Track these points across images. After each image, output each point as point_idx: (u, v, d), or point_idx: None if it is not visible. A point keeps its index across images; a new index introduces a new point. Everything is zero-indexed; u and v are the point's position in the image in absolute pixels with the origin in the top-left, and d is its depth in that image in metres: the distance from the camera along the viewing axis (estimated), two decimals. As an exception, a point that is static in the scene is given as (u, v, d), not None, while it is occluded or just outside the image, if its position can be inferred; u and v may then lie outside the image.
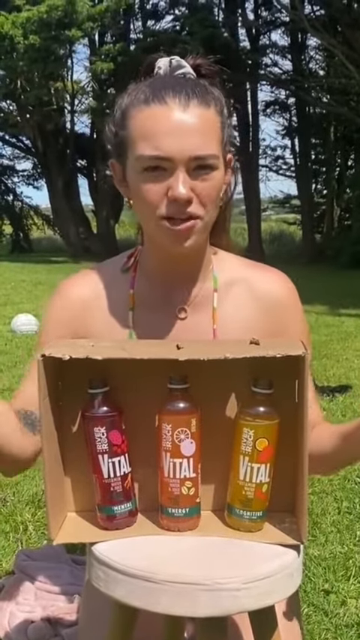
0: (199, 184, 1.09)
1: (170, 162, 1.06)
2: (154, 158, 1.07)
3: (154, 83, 1.12)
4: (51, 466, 1.03)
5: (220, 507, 1.09)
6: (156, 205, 1.09)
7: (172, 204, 1.08)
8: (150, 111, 1.08)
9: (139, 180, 1.10)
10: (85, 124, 21.62)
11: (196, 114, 1.08)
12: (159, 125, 1.07)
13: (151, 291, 1.23)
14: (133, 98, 1.12)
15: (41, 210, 23.96)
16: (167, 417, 1.02)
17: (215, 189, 1.11)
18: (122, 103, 1.14)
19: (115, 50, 17.19)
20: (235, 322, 1.22)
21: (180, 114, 1.07)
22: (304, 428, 1.00)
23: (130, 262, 1.26)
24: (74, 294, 1.24)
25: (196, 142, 1.07)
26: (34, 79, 16.59)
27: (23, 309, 7.68)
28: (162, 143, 1.06)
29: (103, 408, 1.03)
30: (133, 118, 1.10)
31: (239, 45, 18.65)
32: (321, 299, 8.80)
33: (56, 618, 1.76)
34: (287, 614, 1.22)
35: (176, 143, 1.06)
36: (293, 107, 19.66)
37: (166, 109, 1.07)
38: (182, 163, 1.06)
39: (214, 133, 1.10)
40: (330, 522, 2.49)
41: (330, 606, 1.95)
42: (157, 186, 1.08)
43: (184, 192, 1.06)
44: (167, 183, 1.08)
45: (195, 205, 1.09)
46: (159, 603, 0.95)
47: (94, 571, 1.01)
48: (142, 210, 1.13)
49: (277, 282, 1.26)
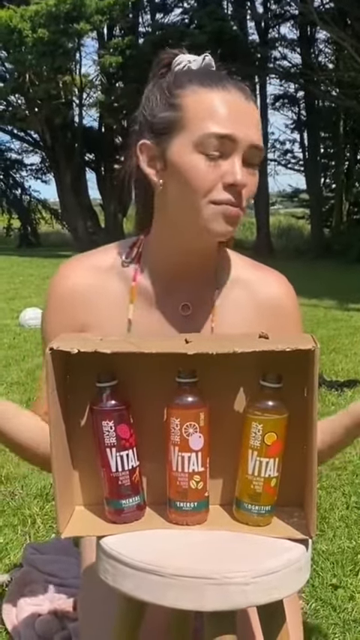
0: (249, 178, 1.11)
1: (233, 143, 1.07)
2: (221, 136, 1.07)
3: (201, 72, 1.13)
4: (59, 460, 1.03)
5: (229, 501, 1.09)
6: (210, 188, 1.09)
7: (229, 189, 1.09)
8: (213, 94, 1.08)
9: (196, 161, 1.08)
10: (94, 117, 21.57)
11: (254, 107, 1.12)
12: (226, 106, 1.08)
13: (153, 284, 1.22)
14: (183, 81, 1.11)
15: (49, 205, 23.97)
16: (176, 411, 1.02)
17: (256, 186, 1.14)
18: (166, 85, 1.13)
19: (124, 44, 17.14)
20: (233, 322, 1.22)
21: (244, 102, 1.10)
22: (313, 422, 0.99)
23: (133, 253, 1.24)
24: (69, 286, 1.22)
25: (257, 131, 1.10)
26: (42, 72, 16.56)
27: (31, 303, 7.69)
28: (230, 123, 1.07)
29: (111, 402, 1.03)
30: (190, 98, 1.09)
31: (248, 38, 18.57)
32: (329, 293, 8.78)
33: (63, 612, 1.76)
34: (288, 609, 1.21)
35: (243, 126, 1.08)
36: (302, 101, 19.57)
37: (230, 95, 1.09)
38: (242, 149, 1.08)
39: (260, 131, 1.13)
40: (338, 517, 2.49)
41: (338, 601, 1.94)
42: (214, 169, 1.08)
43: (243, 178, 1.08)
44: (223, 170, 1.08)
45: (243, 196, 1.10)
46: (166, 597, 0.95)
47: (102, 564, 1.01)
48: (188, 194, 1.10)
49: (277, 286, 1.27)
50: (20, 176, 24.35)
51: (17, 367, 4.87)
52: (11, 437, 1.17)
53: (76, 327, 1.21)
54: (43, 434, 1.11)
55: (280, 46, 19.13)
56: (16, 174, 24.25)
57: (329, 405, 3.98)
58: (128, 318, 1.21)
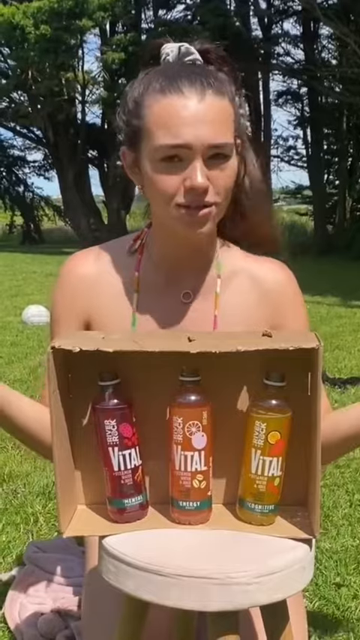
0: (215, 173, 1.10)
1: (188, 150, 1.08)
2: (173, 147, 1.08)
3: (168, 72, 1.13)
4: (61, 459, 1.02)
5: (232, 501, 1.08)
6: (173, 193, 1.11)
7: (189, 194, 1.10)
8: (167, 100, 1.10)
9: (156, 169, 1.11)
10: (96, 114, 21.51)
11: (212, 104, 1.10)
12: (177, 115, 1.08)
13: (156, 274, 1.25)
14: (147, 87, 1.13)
15: (52, 201, 23.98)
16: (178, 410, 1.01)
17: (230, 177, 1.13)
18: (135, 91, 1.15)
19: (127, 40, 17.10)
20: (235, 309, 1.24)
21: (196, 104, 1.09)
22: (316, 421, 0.98)
23: (136, 244, 1.28)
24: (79, 274, 1.26)
25: (213, 131, 1.09)
26: (45, 69, 16.55)
27: (34, 300, 7.68)
28: (181, 132, 1.08)
29: (114, 401, 1.02)
30: (149, 107, 1.11)
31: (251, 34, 18.53)
32: (333, 290, 8.76)
33: (66, 610, 1.76)
34: (292, 608, 1.21)
35: (194, 132, 1.08)
36: (305, 97, 19.52)
37: (183, 99, 1.09)
38: (200, 152, 1.08)
39: (228, 123, 1.12)
40: (342, 515, 2.48)
41: (341, 600, 1.93)
42: (174, 177, 1.10)
43: (202, 181, 1.08)
44: (184, 174, 1.09)
45: (211, 194, 1.11)
46: (169, 597, 0.94)
47: (105, 564, 1.01)
48: (156, 198, 1.15)
49: (276, 271, 1.28)
50: (23, 173, 24.38)
51: (20, 365, 4.87)
52: (15, 422, 1.17)
53: (82, 313, 1.24)
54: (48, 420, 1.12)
55: (283, 42, 19.06)
56: (19, 171, 24.27)
57: (332, 403, 3.95)
58: (133, 306, 1.23)
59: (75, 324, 1.25)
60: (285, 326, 1.25)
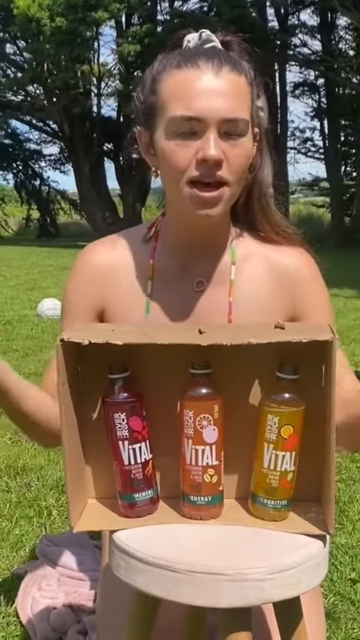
0: (229, 149, 1.09)
1: (202, 123, 1.06)
2: (187, 119, 1.07)
3: (186, 51, 1.13)
4: (71, 453, 1.01)
5: (244, 495, 1.07)
6: (185, 168, 1.09)
7: (202, 166, 1.08)
8: (182, 74, 1.09)
9: (169, 143, 1.10)
10: (112, 107, 21.62)
11: (228, 79, 1.09)
12: (191, 87, 1.07)
13: (170, 262, 1.23)
14: (165, 64, 1.12)
15: (68, 195, 24.04)
16: (189, 403, 1.00)
17: (244, 156, 1.11)
18: (152, 70, 1.15)
19: (142, 32, 17.07)
20: (251, 295, 1.22)
21: (213, 77, 1.08)
22: (330, 414, 0.96)
23: (151, 232, 1.27)
24: (93, 262, 1.26)
25: (228, 105, 1.07)
26: (60, 62, 16.57)
27: (50, 293, 7.70)
28: (194, 104, 1.06)
29: (124, 394, 1.01)
30: (164, 82, 1.11)
31: (267, 25, 18.42)
32: (350, 283, 8.70)
33: (78, 605, 1.75)
34: (311, 604, 1.19)
35: (209, 104, 1.06)
36: (322, 88, 19.42)
37: (199, 72, 1.08)
38: (214, 125, 1.07)
39: (245, 100, 1.11)
40: (357, 510, 2.45)
41: (357, 595, 1.92)
42: (187, 149, 1.08)
43: (215, 152, 1.06)
44: (197, 146, 1.08)
45: (225, 170, 1.08)
46: (181, 593, 0.93)
47: (115, 559, 0.99)
48: (169, 176, 1.13)
49: (293, 256, 1.25)
50: (39, 167, 24.48)
51: (35, 358, 4.88)
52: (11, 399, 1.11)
53: (97, 301, 1.24)
54: (45, 401, 1.14)
55: (300, 33, 18.97)
56: (35, 165, 24.35)
57: (349, 396, 3.94)
58: (147, 293, 1.22)
59: (89, 312, 1.24)
60: (304, 313, 1.22)
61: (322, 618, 1.32)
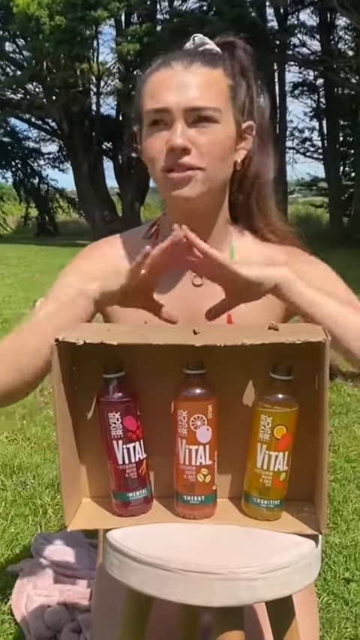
0: (198, 136, 1.14)
1: (168, 114, 1.13)
2: (156, 111, 1.15)
3: (168, 54, 1.20)
4: (66, 452, 1.02)
5: (237, 495, 1.07)
6: (158, 157, 1.15)
7: (169, 154, 1.14)
8: (158, 75, 1.17)
9: (146, 136, 1.18)
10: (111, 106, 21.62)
11: (198, 72, 1.15)
12: (162, 83, 1.15)
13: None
14: (149, 69, 1.21)
15: (67, 193, 23.99)
16: (183, 403, 1.00)
17: (216, 143, 1.15)
18: (143, 76, 1.22)
19: (142, 31, 17.02)
20: None
21: (181, 73, 1.15)
22: (323, 415, 0.97)
23: (152, 230, 1.31)
24: (95, 254, 1.31)
25: (194, 94, 1.13)
26: (60, 60, 16.53)
27: (48, 292, 7.68)
28: (162, 97, 1.14)
29: (118, 394, 1.01)
30: (145, 85, 1.19)
31: (267, 25, 18.40)
32: (348, 283, 8.67)
33: (73, 603, 1.76)
34: (304, 603, 1.20)
35: (174, 96, 1.13)
36: (321, 88, 19.39)
37: (170, 71, 1.16)
38: (180, 115, 1.13)
39: (215, 88, 1.16)
40: (352, 510, 2.46)
41: (350, 595, 1.92)
42: (159, 140, 1.15)
43: (180, 141, 1.12)
44: (167, 136, 1.14)
45: (194, 157, 1.14)
46: (174, 592, 0.93)
47: (109, 558, 1.00)
48: (149, 167, 1.19)
49: (287, 251, 1.28)
50: (38, 165, 24.39)
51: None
52: None
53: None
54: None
55: (299, 33, 18.91)
56: (34, 163, 24.28)
57: (345, 396, 3.95)
58: None
59: None
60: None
61: (316, 617, 1.33)
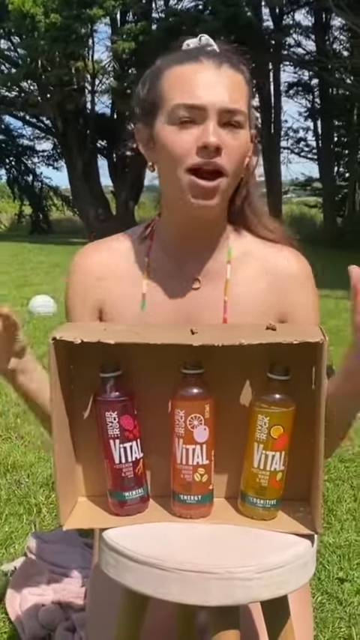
0: (228, 138, 1.12)
1: (203, 111, 1.10)
2: (188, 107, 1.11)
3: (187, 50, 1.18)
4: (62, 450, 1.02)
5: (234, 495, 1.07)
6: (185, 155, 1.11)
7: (202, 152, 1.10)
8: (185, 67, 1.13)
9: (171, 132, 1.13)
10: (106, 104, 21.47)
11: (228, 74, 1.13)
12: (194, 77, 1.12)
13: (166, 259, 1.24)
14: (166, 62, 1.17)
15: (61, 191, 23.95)
16: (180, 403, 1.00)
17: (242, 148, 1.14)
18: (153, 68, 1.19)
19: (137, 29, 17.01)
20: (246, 295, 1.23)
21: (214, 70, 1.12)
22: (320, 415, 0.97)
23: (147, 231, 1.28)
24: (88, 265, 1.27)
25: (229, 96, 1.11)
26: (55, 58, 16.51)
27: (41, 290, 7.68)
28: (196, 93, 1.10)
29: (115, 393, 1.01)
30: (165, 77, 1.15)
31: (262, 24, 18.41)
32: (341, 284, 8.65)
33: (67, 602, 1.76)
34: (299, 602, 1.20)
35: (210, 94, 1.10)
36: (316, 88, 19.42)
37: (201, 66, 1.12)
38: (214, 113, 1.10)
39: (243, 95, 1.15)
40: (346, 510, 2.47)
41: (344, 595, 1.93)
42: (188, 137, 1.11)
43: (215, 139, 1.09)
44: (198, 134, 1.11)
45: (224, 158, 1.11)
46: (170, 592, 0.93)
47: (104, 557, 1.00)
48: (169, 164, 1.14)
49: (289, 258, 1.27)
50: (32, 162, 24.38)
51: (26, 354, 4.86)
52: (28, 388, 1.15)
53: (95, 303, 1.25)
54: None
55: (294, 33, 18.95)
56: (28, 161, 24.27)
57: (339, 396, 3.96)
58: (142, 292, 1.23)
59: (92, 316, 1.25)
60: (293, 314, 1.23)
61: (310, 617, 1.33)
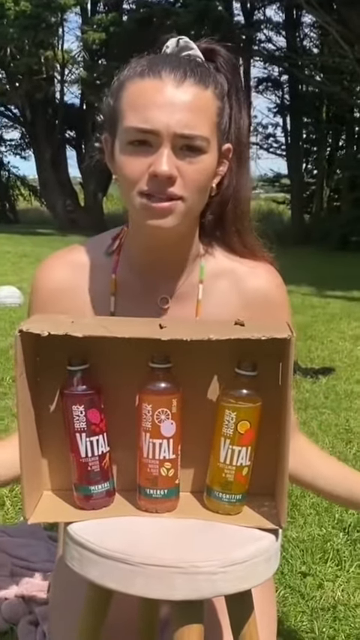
0: (184, 166, 1.04)
1: (156, 136, 1.03)
2: (141, 131, 1.03)
3: (155, 58, 1.09)
4: (27, 444, 1.00)
5: (200, 489, 1.07)
6: (136, 180, 1.05)
7: (152, 181, 1.04)
8: (143, 84, 1.05)
9: (124, 152, 1.06)
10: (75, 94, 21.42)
11: (191, 92, 1.04)
12: (150, 98, 1.04)
13: (133, 278, 1.19)
14: (131, 71, 1.08)
15: (28, 181, 23.70)
16: (148, 397, 1.00)
17: (202, 174, 1.07)
18: (120, 75, 1.11)
19: (108, 20, 16.89)
20: (217, 315, 1.19)
21: (173, 89, 1.04)
22: (286, 411, 0.98)
23: (114, 245, 1.22)
24: (50, 284, 1.20)
25: (185, 120, 1.03)
26: (24, 46, 16.33)
27: (7, 281, 7.60)
28: (150, 116, 1.03)
29: (82, 386, 1.01)
30: (126, 90, 1.07)
31: (233, 19, 18.41)
32: (307, 280, 8.79)
33: (30, 595, 1.75)
34: (263, 597, 1.21)
35: (164, 117, 1.02)
36: (286, 85, 19.48)
37: (160, 83, 1.04)
38: (168, 139, 1.03)
39: (206, 115, 1.06)
40: (309, 504, 2.49)
41: (307, 589, 1.95)
42: (140, 161, 1.05)
43: (167, 168, 1.02)
44: (151, 159, 1.04)
45: (178, 187, 1.05)
46: (134, 585, 0.93)
47: (69, 551, 0.99)
48: (123, 186, 1.09)
49: (265, 278, 1.23)
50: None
51: (-9, 345, 4.82)
52: None
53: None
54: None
55: (265, 29, 18.98)
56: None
57: (303, 392, 4.00)
58: (110, 310, 1.19)
59: None
60: None
61: (274, 611, 1.34)
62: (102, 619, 1.06)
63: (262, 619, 1.10)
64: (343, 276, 9.55)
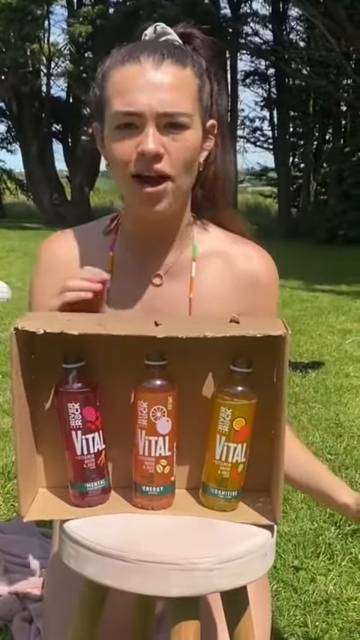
0: (170, 142, 1.09)
1: (140, 118, 1.08)
2: (126, 114, 1.08)
3: (134, 46, 1.14)
4: (23, 441, 1.00)
5: (195, 486, 1.08)
6: (126, 163, 1.10)
7: (140, 160, 1.09)
8: (124, 70, 1.10)
9: (112, 138, 1.11)
10: (62, 87, 21.30)
11: (169, 72, 1.09)
12: (132, 82, 1.09)
13: (128, 255, 1.23)
14: (113, 60, 1.13)
15: (15, 175, 23.60)
16: (144, 394, 1.00)
17: (188, 149, 1.11)
18: (103, 65, 1.16)
19: (94, 13, 16.82)
20: (211, 293, 1.22)
21: (152, 72, 1.09)
22: (282, 408, 0.98)
23: (112, 225, 1.27)
24: (57, 255, 1.26)
25: (167, 98, 1.08)
26: (10, 39, 16.25)
27: (-5, 275, 7.57)
28: (133, 99, 1.08)
29: (78, 384, 1.01)
30: (110, 78, 1.12)
31: (220, 12, 18.37)
32: (296, 274, 8.80)
33: (24, 592, 1.74)
34: (258, 592, 1.22)
35: (146, 99, 1.07)
36: (273, 78, 19.49)
37: (139, 67, 1.09)
38: (152, 119, 1.08)
39: (187, 92, 1.11)
40: (301, 499, 2.50)
41: (299, 583, 1.96)
42: (128, 143, 1.09)
43: (153, 146, 1.07)
44: (138, 140, 1.08)
45: (165, 163, 1.09)
46: (130, 582, 0.93)
47: (65, 548, 0.99)
48: (115, 171, 1.14)
49: (257, 260, 1.26)
50: (-15, 145, 23.87)
51: (-21, 341, 4.80)
52: None
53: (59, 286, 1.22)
54: None
55: (252, 22, 18.97)
56: (-19, 144, 23.75)
57: (293, 386, 4.01)
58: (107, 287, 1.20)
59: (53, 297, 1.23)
60: (256, 315, 1.23)
61: (268, 606, 1.34)
62: (97, 616, 1.06)
63: (256, 614, 1.11)
64: (331, 270, 9.57)
